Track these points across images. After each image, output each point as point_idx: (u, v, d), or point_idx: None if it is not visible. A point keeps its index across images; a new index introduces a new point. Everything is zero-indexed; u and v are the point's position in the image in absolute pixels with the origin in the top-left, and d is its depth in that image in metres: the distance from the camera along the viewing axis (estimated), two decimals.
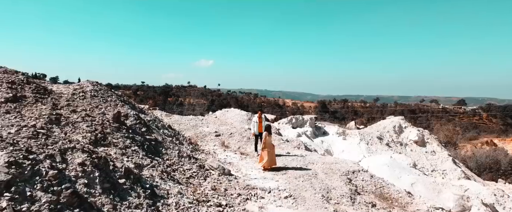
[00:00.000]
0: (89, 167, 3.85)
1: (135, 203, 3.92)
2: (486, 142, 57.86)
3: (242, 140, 9.76)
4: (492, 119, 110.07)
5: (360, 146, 12.73)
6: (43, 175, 3.30)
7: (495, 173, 23.55)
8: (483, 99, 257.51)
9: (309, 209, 5.11)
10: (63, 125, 4.68)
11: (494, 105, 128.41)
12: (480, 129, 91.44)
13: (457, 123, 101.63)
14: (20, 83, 5.24)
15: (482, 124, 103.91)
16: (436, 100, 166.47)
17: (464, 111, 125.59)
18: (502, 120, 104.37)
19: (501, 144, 48.69)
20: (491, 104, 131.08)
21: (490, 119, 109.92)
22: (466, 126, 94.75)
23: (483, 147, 36.54)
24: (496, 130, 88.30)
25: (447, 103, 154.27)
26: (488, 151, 27.96)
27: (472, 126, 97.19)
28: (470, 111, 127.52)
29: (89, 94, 6.34)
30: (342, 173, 6.87)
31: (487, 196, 9.91)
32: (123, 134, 5.38)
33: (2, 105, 4.42)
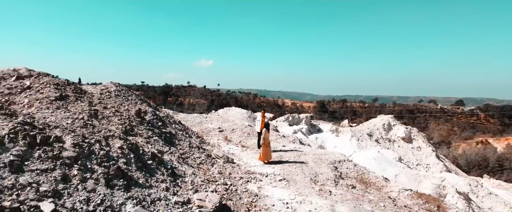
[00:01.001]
0: (126, 150, 4.96)
1: (161, 179, 5.04)
2: (481, 141, 59.07)
3: (243, 135, 10.87)
4: (489, 119, 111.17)
5: (351, 142, 13.85)
6: (97, 154, 4.41)
7: (484, 169, 24.75)
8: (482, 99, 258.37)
9: (299, 189, 6.21)
10: (100, 119, 5.78)
11: (492, 106, 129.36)
12: (477, 129, 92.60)
13: (455, 123, 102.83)
14: (62, 84, 6.33)
15: (479, 124, 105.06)
16: (435, 100, 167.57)
17: (462, 111, 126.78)
18: (499, 120, 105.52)
19: (495, 144, 49.86)
20: (488, 104, 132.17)
21: (488, 119, 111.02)
22: (463, 126, 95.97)
23: (478, 146, 37.70)
24: (493, 130, 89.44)
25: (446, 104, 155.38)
26: (478, 149, 29.17)
27: (470, 126, 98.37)
28: (468, 111, 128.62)
29: (113, 93, 7.44)
30: (329, 162, 7.98)
31: (463, 186, 11.03)
32: (145, 127, 6.49)
33: (53, 102, 5.51)
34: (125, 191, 4.20)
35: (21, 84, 5.84)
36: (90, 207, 3.63)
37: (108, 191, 4.01)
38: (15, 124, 3.91)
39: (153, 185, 4.76)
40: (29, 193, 3.32)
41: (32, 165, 3.68)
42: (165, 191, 4.78)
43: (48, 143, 4.04)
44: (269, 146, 8.42)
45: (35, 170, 3.64)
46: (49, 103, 5.44)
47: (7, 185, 3.26)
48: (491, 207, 10.35)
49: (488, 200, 10.59)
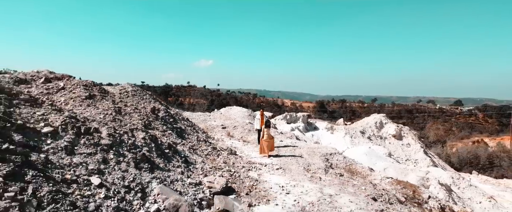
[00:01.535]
0: (148, 141, 5.95)
1: (176, 165, 6.02)
2: (477, 141, 60.10)
3: (244, 132, 11.85)
4: (488, 119, 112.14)
5: (345, 139, 14.83)
6: (126, 143, 5.39)
7: (475, 167, 25.75)
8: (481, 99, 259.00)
9: (293, 176, 7.19)
10: (123, 115, 6.75)
11: (490, 106, 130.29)
12: (475, 129, 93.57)
13: (453, 123, 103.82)
14: (90, 85, 7.29)
15: (478, 124, 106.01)
16: (433, 100, 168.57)
17: (461, 112, 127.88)
18: (497, 120, 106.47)
19: (491, 143, 50.85)
20: (487, 104, 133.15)
21: (486, 120, 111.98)
22: (462, 126, 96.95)
23: (472, 145, 38.68)
24: (491, 130, 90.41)
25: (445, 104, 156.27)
26: (470, 147, 30.18)
27: (468, 126, 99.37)
28: (466, 111, 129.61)
29: (130, 93, 8.42)
30: (322, 155, 8.96)
31: (446, 178, 12.02)
32: (160, 122, 7.47)
33: (84, 100, 6.47)
34: (150, 172, 5.18)
35: (56, 85, 6.82)
36: (125, 183, 4.61)
37: (137, 172, 4.99)
38: (65, 117, 4.89)
39: (171, 169, 5.74)
40: (81, 170, 4.30)
41: (80, 150, 4.66)
42: (181, 174, 5.76)
43: (89, 133, 5.02)
44: (270, 141, 9.34)
45: (83, 153, 4.62)
46: (81, 101, 6.41)
47: (66, 163, 4.24)
48: (470, 197, 11.33)
49: (468, 191, 11.57)
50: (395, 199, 6.43)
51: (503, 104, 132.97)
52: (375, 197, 6.11)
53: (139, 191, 4.63)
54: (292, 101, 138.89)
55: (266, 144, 9.08)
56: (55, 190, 3.65)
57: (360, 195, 6.16)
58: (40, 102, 5.08)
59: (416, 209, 6.43)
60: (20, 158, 3.73)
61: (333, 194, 6.07)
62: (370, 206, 5.63)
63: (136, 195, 4.52)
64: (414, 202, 6.87)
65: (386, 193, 6.60)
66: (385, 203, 6.05)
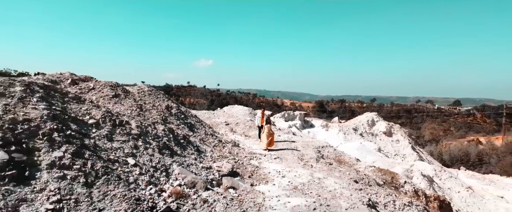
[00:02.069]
0: (167, 132, 7.13)
1: (190, 152, 7.20)
2: (472, 140, 61.34)
3: (245, 128, 13.03)
4: (486, 119, 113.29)
5: (339, 136, 16.00)
6: (150, 133, 6.58)
7: (465, 163, 26.96)
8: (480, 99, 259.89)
9: (289, 164, 8.37)
10: (144, 111, 7.92)
11: (488, 106, 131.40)
12: (473, 129, 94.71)
13: (451, 123, 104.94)
14: (115, 86, 8.46)
15: (476, 124, 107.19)
16: (432, 100, 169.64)
17: (459, 112, 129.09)
18: (495, 120, 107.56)
19: (486, 142, 52.05)
20: (485, 104, 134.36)
21: (484, 120, 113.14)
22: (459, 126, 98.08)
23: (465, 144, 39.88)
24: (489, 130, 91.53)
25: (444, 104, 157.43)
26: (461, 146, 31.40)
27: (466, 126, 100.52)
28: (465, 111, 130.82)
29: (147, 93, 9.59)
30: (314, 147, 10.14)
31: (429, 171, 13.20)
32: (174, 117, 8.65)
33: (112, 99, 7.65)
34: (170, 157, 6.36)
35: (87, 86, 8.00)
36: (153, 164, 5.79)
37: (161, 156, 6.18)
38: (103, 112, 6.08)
39: (186, 156, 6.93)
40: (119, 152, 5.48)
41: (117, 138, 5.84)
42: (194, 160, 6.94)
43: (122, 125, 6.20)
44: (271, 136, 10.48)
45: (119, 140, 5.80)
46: (109, 99, 7.58)
47: (108, 147, 5.43)
48: (450, 187, 12.51)
49: (449, 182, 12.75)
50: (374, 182, 7.61)
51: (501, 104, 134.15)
52: (356, 180, 7.29)
53: (164, 170, 5.81)
54: (291, 101, 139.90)
55: (267, 138, 10.21)
56: (105, 165, 4.83)
57: (344, 178, 7.35)
58: (82, 100, 6.25)
59: (392, 191, 7.60)
60: (79, 141, 4.91)
61: (322, 177, 7.25)
62: (351, 186, 6.81)
63: (161, 173, 5.70)
64: (392, 185, 8.05)
65: (367, 177, 7.78)
66: (364, 184, 7.23)
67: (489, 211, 11.43)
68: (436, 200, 7.99)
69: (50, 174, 4.18)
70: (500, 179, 19.47)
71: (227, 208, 5.18)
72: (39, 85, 5.55)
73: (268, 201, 5.68)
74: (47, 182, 4.06)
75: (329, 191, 6.38)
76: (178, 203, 4.99)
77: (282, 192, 6.17)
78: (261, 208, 5.34)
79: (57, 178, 4.17)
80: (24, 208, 3.63)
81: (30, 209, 3.67)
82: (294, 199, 5.84)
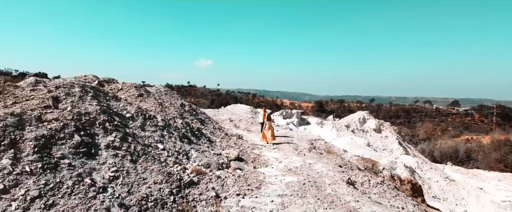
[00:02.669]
0: (184, 125, 8.65)
1: (203, 142, 8.72)
2: (467, 139, 62.95)
3: (247, 124, 14.54)
4: (483, 119, 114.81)
5: (332, 132, 17.51)
6: (172, 126, 8.10)
7: (454, 160, 28.49)
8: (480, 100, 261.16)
9: (285, 153, 9.88)
10: (164, 107, 9.43)
11: (486, 106, 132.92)
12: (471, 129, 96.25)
13: (449, 123, 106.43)
14: (138, 87, 9.97)
15: (473, 124, 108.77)
16: (430, 101, 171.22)
17: (457, 112, 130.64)
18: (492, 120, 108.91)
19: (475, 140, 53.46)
20: (483, 105, 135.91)
21: (482, 120, 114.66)
22: (457, 126, 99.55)
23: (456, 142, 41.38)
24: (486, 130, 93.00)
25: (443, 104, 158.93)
26: (450, 143, 32.96)
27: (464, 126, 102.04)
28: (463, 111, 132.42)
29: (164, 92, 11.10)
30: (308, 140, 11.65)
31: (412, 163, 14.72)
32: (188, 113, 10.17)
33: (137, 97, 9.16)
34: (189, 145, 7.88)
35: (116, 87, 9.52)
36: (176, 149, 7.31)
37: (181, 144, 7.70)
38: (136, 108, 7.59)
39: (201, 144, 8.44)
40: (151, 140, 7.00)
41: (148, 128, 7.36)
42: (207, 148, 8.46)
43: (151, 118, 7.72)
44: (272, 131, 11.96)
45: (149, 130, 7.32)
46: (135, 98, 9.09)
47: (142, 136, 6.94)
48: (430, 177, 14.03)
49: (429, 172, 14.27)
50: (356, 167, 9.13)
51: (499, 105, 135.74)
52: (340, 165, 8.81)
53: (185, 154, 7.33)
54: (291, 101, 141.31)
55: (268, 133, 11.69)
56: (143, 148, 6.35)
57: (331, 164, 8.86)
58: (119, 98, 7.77)
59: (372, 175, 9.11)
60: (123, 129, 6.43)
61: (312, 163, 8.77)
62: (336, 170, 8.33)
63: (183, 156, 7.22)
64: (372, 171, 9.56)
65: (350, 164, 9.30)
66: (347, 169, 8.75)
67: (462, 197, 12.95)
68: (409, 183, 9.50)
69: (107, 152, 5.71)
70: (482, 173, 21.03)
71: (235, 182, 6.71)
72: (89, 87, 7.06)
73: (268, 179, 7.20)
74: (106, 158, 5.58)
75: (317, 172, 7.91)
76: (198, 178, 6.51)
77: (279, 173, 7.69)
78: (262, 183, 6.86)
79: (113, 155, 5.69)
80: (95, 174, 5.14)
81: (99, 174, 5.18)
82: (288, 177, 7.36)
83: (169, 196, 5.51)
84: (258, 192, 6.38)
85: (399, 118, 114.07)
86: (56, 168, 4.84)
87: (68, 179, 4.76)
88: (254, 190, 6.45)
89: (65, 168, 4.91)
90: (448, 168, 22.10)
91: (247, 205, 5.71)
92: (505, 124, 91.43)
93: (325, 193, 6.44)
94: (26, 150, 4.79)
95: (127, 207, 4.90)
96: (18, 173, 4.46)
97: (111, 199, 4.86)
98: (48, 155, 4.94)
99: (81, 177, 4.92)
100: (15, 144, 4.78)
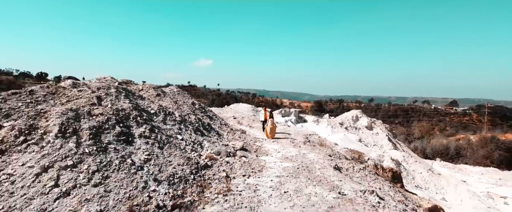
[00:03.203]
0: (197, 120, 10.14)
1: (213, 134, 10.20)
2: (462, 137, 64.41)
3: (249, 121, 16.04)
4: (481, 119, 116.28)
5: (327, 129, 18.99)
6: (187, 121, 9.60)
7: (445, 156, 29.99)
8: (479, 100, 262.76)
9: (283, 145, 11.36)
10: (179, 105, 10.92)
11: (484, 106, 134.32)
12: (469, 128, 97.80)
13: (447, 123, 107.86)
14: (156, 87, 11.45)
15: (471, 124, 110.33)
16: (428, 101, 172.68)
17: (455, 112, 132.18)
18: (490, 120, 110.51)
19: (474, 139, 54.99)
20: (481, 105, 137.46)
21: (480, 119, 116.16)
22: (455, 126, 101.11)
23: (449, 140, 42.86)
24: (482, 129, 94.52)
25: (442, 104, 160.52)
26: (442, 141, 34.50)
27: (462, 125, 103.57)
28: (461, 111, 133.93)
29: (176, 93, 12.59)
30: (303, 135, 13.14)
31: (398, 156, 16.21)
32: (198, 111, 11.66)
33: (156, 97, 10.64)
34: (201, 136, 9.36)
35: (137, 87, 11.00)
36: (192, 139, 8.79)
37: (196, 135, 9.18)
38: (158, 106, 9.07)
39: (211, 136, 9.93)
40: (171, 132, 8.49)
41: (168, 122, 8.84)
42: (216, 139, 9.94)
43: (170, 114, 9.20)
44: (274, 128, 13.40)
45: (170, 124, 8.81)
46: (154, 97, 10.58)
47: (164, 128, 8.42)
48: (414, 169, 15.53)
49: (414, 165, 15.76)
50: (344, 157, 10.62)
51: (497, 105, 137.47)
52: (330, 155, 10.30)
53: (199, 144, 8.82)
54: (291, 100, 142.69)
55: (270, 129, 13.15)
56: (166, 138, 7.84)
57: (321, 154, 10.35)
58: (143, 97, 9.25)
59: (357, 164, 10.60)
60: (150, 123, 7.92)
61: (306, 153, 10.26)
62: (326, 158, 9.81)
63: (198, 145, 8.71)
64: (358, 161, 11.05)
65: (339, 154, 10.79)
66: (336, 158, 10.23)
67: (442, 187, 14.44)
68: (390, 171, 10.98)
69: (140, 140, 7.19)
70: (467, 168, 22.55)
71: (241, 166, 8.20)
72: (121, 88, 8.54)
73: (268, 164, 8.69)
74: (140, 144, 7.07)
75: (309, 160, 9.40)
76: (211, 162, 8.00)
77: (278, 160, 9.18)
78: (264, 167, 8.35)
79: (145, 143, 7.18)
80: (133, 156, 6.62)
81: (136, 157, 6.66)
82: (285, 163, 8.85)
83: (190, 175, 6.99)
84: (260, 174, 7.87)
85: (398, 117, 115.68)
86: (106, 150, 6.32)
87: (115, 159, 6.24)
88: (257, 172, 7.94)
89: (112, 151, 6.39)
90: (437, 164, 23.61)
91: (252, 183, 7.20)
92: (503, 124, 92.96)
93: (314, 175, 7.92)
94: (84, 137, 6.27)
95: (160, 181, 6.38)
96: (81, 153, 5.94)
97: (147, 175, 6.34)
98: (99, 141, 6.42)
99: (124, 158, 6.40)
100: (76, 132, 6.25)
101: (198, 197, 6.42)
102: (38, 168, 5.44)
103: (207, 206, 6.12)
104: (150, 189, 6.08)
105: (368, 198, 6.86)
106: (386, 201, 7.21)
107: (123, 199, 5.62)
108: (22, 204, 4.89)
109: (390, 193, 8.27)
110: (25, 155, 5.67)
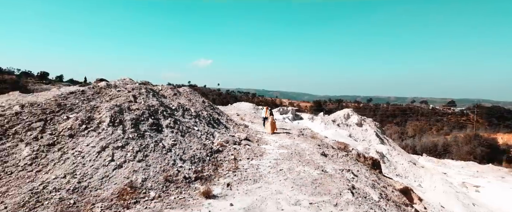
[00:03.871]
0: (208, 115, 12.17)
1: (221, 127, 12.22)
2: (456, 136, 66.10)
3: (251, 118, 18.05)
4: (478, 119, 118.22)
5: (320, 125, 20.99)
6: (201, 116, 11.62)
7: (433, 153, 31.99)
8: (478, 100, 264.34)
9: (280, 137, 13.37)
10: (193, 103, 12.90)
11: (482, 106, 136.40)
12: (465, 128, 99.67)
13: (445, 122, 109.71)
14: (173, 88, 13.43)
15: (469, 124, 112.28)
16: (426, 101, 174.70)
17: (453, 112, 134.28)
18: (487, 120, 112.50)
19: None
20: (479, 105, 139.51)
21: (477, 119, 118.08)
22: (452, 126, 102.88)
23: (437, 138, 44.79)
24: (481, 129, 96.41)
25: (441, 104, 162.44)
26: (432, 139, 36.55)
27: (459, 125, 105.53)
28: (458, 111, 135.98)
29: (189, 92, 14.59)
30: (298, 129, 15.14)
31: (383, 149, 18.20)
32: (208, 107, 13.68)
33: (173, 96, 12.62)
34: (212, 128, 11.37)
35: (156, 87, 12.99)
36: (205, 130, 10.81)
37: (208, 128, 11.19)
38: (177, 103, 11.07)
39: (220, 129, 11.93)
40: (189, 123, 10.50)
41: (186, 117, 10.84)
42: (224, 131, 11.94)
43: (187, 110, 11.20)
44: (274, 124, 15.38)
45: (187, 118, 10.81)
46: (172, 96, 12.57)
47: (183, 121, 10.43)
48: (397, 161, 17.53)
49: (396, 157, 17.77)
50: (331, 147, 12.62)
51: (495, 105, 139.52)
52: (319, 144, 12.30)
53: (211, 134, 10.82)
54: (290, 100, 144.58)
55: (271, 125, 15.13)
56: (186, 129, 9.84)
57: (312, 144, 12.36)
58: (165, 96, 11.24)
59: (342, 152, 12.59)
60: (173, 116, 9.91)
61: (299, 143, 12.27)
62: (315, 147, 11.81)
63: (210, 135, 10.71)
64: (343, 150, 13.05)
65: (327, 144, 12.79)
66: (324, 147, 12.23)
67: (420, 175, 16.44)
68: (370, 159, 12.98)
69: (167, 130, 9.19)
70: (450, 162, 24.58)
71: (246, 152, 10.20)
72: (149, 88, 10.54)
73: (267, 151, 10.70)
74: (167, 133, 9.06)
75: (301, 148, 11.40)
76: (222, 148, 10.00)
77: (275, 148, 11.19)
78: (264, 153, 10.36)
79: (171, 132, 9.18)
80: (163, 141, 8.61)
81: (165, 142, 8.64)
82: (281, 150, 10.86)
83: (206, 156, 8.99)
84: (261, 157, 9.88)
85: (396, 117, 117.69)
86: (143, 137, 8.32)
87: (151, 143, 8.24)
88: (258, 156, 9.95)
89: (148, 137, 8.39)
90: (422, 158, 25.63)
91: (255, 164, 9.20)
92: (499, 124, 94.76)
93: (304, 158, 9.93)
94: (127, 126, 8.26)
95: (184, 160, 8.38)
96: (127, 138, 7.94)
97: (175, 156, 8.34)
98: (138, 129, 8.42)
99: (157, 142, 8.40)
100: (121, 122, 8.25)
101: (214, 173, 8.43)
102: (98, 147, 7.44)
103: (221, 178, 8.12)
104: (178, 165, 8.09)
105: (345, 175, 8.87)
106: (359, 177, 9.22)
107: (160, 171, 7.63)
108: (92, 171, 6.90)
109: (366, 174, 10.27)
110: (87, 138, 7.68)
